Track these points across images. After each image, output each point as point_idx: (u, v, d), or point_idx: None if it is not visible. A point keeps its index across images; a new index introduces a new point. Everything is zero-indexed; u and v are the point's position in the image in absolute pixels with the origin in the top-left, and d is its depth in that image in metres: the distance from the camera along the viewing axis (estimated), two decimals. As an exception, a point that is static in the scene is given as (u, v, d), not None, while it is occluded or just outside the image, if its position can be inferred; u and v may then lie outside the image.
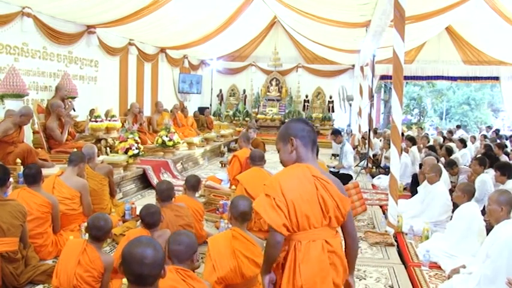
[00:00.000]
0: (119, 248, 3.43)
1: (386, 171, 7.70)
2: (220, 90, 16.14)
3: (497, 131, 14.18)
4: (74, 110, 7.37)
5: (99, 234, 3.04)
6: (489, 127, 16.07)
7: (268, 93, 15.64)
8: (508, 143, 10.18)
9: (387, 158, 7.82)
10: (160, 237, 3.16)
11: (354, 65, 14.61)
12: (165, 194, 3.92)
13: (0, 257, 3.19)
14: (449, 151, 7.62)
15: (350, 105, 12.61)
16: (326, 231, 1.99)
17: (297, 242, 1.95)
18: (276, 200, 1.91)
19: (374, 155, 9.98)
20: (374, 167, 9.06)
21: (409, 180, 6.98)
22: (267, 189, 1.98)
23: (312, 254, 1.93)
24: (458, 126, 17.05)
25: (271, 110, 15.31)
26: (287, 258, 1.97)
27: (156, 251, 1.80)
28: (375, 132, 11.95)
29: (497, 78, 14.74)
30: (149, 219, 3.29)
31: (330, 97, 15.26)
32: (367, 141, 10.14)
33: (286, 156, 2.13)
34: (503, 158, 7.16)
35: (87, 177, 4.68)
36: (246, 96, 16.01)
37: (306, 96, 15.58)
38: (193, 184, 4.53)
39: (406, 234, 4.71)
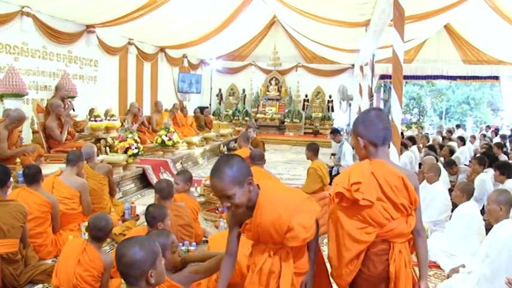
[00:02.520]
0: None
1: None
2: (220, 90, 16.14)
3: (496, 130, 14.18)
4: (74, 110, 7.37)
5: (99, 234, 3.04)
6: (488, 126, 16.07)
7: (267, 93, 15.65)
8: (507, 142, 10.17)
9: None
10: None
11: (353, 65, 14.62)
12: (166, 191, 3.91)
13: (0, 259, 3.19)
14: (451, 151, 7.63)
15: (350, 104, 12.61)
16: None
17: None
18: None
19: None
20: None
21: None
22: None
23: None
24: (458, 126, 17.06)
25: (271, 110, 15.32)
26: None
27: (137, 252, 1.78)
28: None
29: (496, 78, 14.74)
30: (148, 217, 3.28)
31: (330, 96, 15.27)
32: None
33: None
34: (503, 157, 7.17)
35: (87, 177, 4.68)
36: (245, 95, 16.01)
37: (306, 96, 15.58)
38: (190, 176, 4.53)
39: (406, 233, 4.71)
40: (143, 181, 7.10)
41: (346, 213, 1.97)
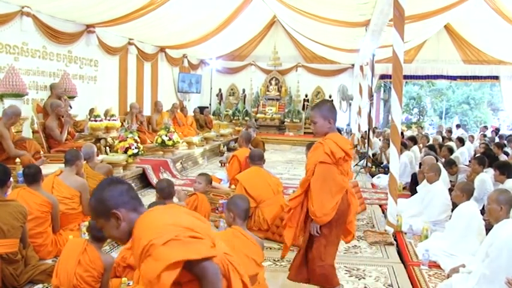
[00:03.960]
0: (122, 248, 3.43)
1: (386, 170, 7.71)
2: (220, 90, 16.14)
3: (497, 130, 14.17)
4: (71, 107, 7.36)
5: (100, 234, 3.03)
6: (485, 127, 16.04)
7: (267, 93, 15.65)
8: (506, 142, 10.16)
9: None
10: None
11: (353, 64, 14.62)
12: (166, 191, 3.92)
13: (0, 259, 3.18)
14: (451, 150, 7.63)
15: (350, 104, 12.60)
16: None
17: None
18: None
19: (373, 154, 9.98)
20: (373, 166, 9.07)
21: (409, 180, 6.99)
22: None
23: None
24: (458, 126, 17.03)
25: (271, 110, 15.32)
26: None
27: None
28: (374, 131, 11.95)
29: (496, 78, 14.73)
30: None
31: (330, 96, 15.25)
32: (366, 140, 10.15)
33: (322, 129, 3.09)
34: (502, 157, 7.16)
35: (87, 177, 4.68)
36: (245, 95, 16.01)
37: (306, 96, 15.59)
38: (211, 179, 4.72)
39: (406, 233, 4.71)
40: (143, 181, 7.10)
41: (337, 169, 2.88)
